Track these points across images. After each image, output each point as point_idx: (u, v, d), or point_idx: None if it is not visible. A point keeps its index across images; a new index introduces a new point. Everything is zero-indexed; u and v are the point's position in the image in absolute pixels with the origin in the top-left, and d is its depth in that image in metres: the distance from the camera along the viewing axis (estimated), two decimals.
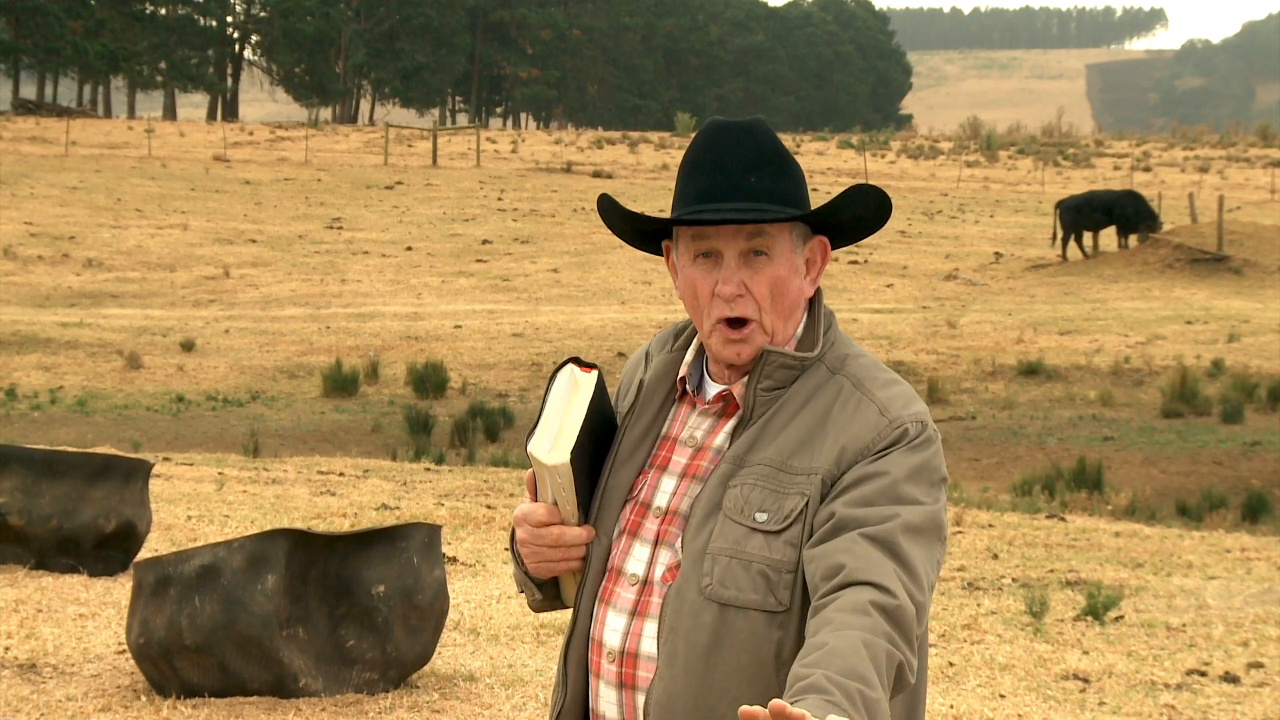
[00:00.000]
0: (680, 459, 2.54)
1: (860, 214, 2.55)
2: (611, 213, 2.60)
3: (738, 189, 2.47)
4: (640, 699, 2.46)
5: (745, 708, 2.00)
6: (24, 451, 8.74)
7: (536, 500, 2.54)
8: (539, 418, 2.55)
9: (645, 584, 2.49)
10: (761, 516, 2.42)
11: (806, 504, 2.41)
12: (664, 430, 2.58)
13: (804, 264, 2.54)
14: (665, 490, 2.52)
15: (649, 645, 2.45)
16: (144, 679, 6.43)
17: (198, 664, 6.21)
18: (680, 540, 2.47)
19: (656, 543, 2.50)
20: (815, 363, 2.51)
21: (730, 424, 2.53)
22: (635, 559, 2.51)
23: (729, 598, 2.40)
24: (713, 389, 2.57)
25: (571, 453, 2.50)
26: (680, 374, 2.59)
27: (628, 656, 2.47)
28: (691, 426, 2.56)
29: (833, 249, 2.60)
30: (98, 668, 6.72)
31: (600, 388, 2.56)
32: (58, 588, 8.17)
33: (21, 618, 7.49)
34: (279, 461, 15.34)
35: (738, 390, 2.53)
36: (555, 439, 2.52)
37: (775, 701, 1.98)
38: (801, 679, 2.17)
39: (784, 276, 2.50)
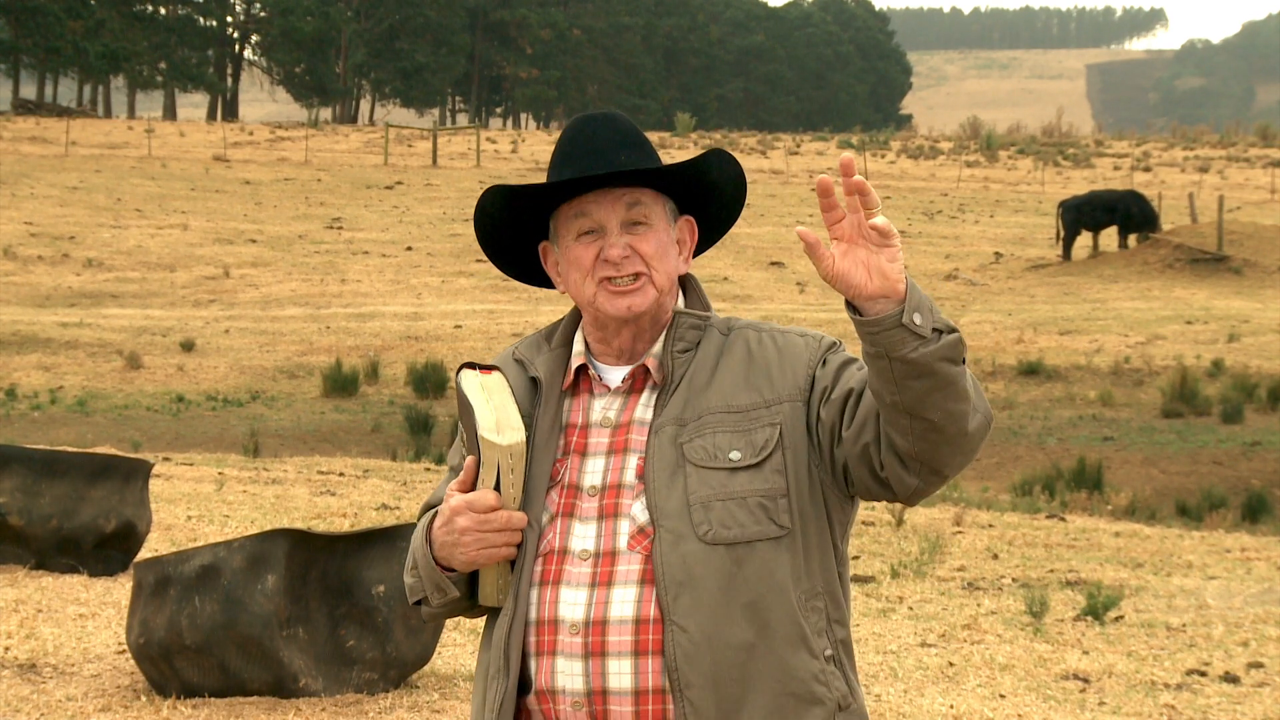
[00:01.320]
0: (600, 440, 2.64)
1: (721, 183, 2.72)
2: (495, 202, 2.70)
3: (608, 164, 2.62)
4: (611, 664, 2.53)
5: (801, 228, 2.35)
6: (24, 451, 8.74)
7: (474, 489, 2.60)
8: (470, 413, 2.62)
9: (602, 555, 2.56)
10: (735, 455, 2.56)
11: (780, 431, 2.56)
12: (565, 421, 2.68)
13: (677, 243, 2.69)
14: (594, 470, 2.62)
15: (619, 610, 2.53)
16: (144, 679, 6.43)
17: (198, 664, 6.21)
18: (635, 508, 2.56)
19: (604, 517, 2.58)
20: (708, 328, 2.66)
21: (644, 397, 2.65)
22: (579, 536, 2.58)
23: (734, 536, 2.53)
24: (616, 372, 2.68)
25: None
26: (577, 363, 2.70)
27: (595, 625, 2.53)
28: (602, 409, 2.66)
29: (708, 242, 2.77)
30: (98, 668, 6.72)
31: (509, 385, 2.67)
32: (58, 588, 8.17)
33: (21, 618, 7.49)
34: (279, 461, 15.35)
35: (651, 363, 2.65)
36: (498, 424, 2.59)
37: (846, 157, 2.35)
38: None
39: (665, 243, 2.65)
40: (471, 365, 2.71)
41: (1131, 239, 35.67)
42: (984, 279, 33.61)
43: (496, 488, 2.58)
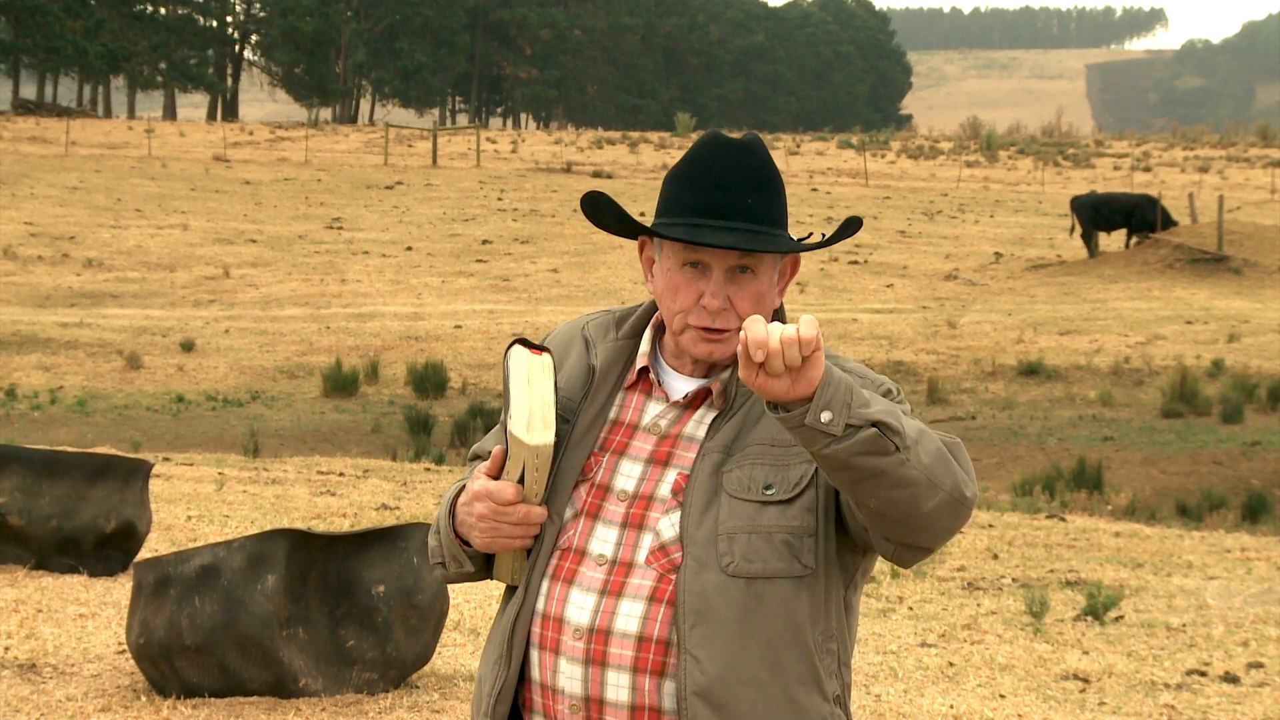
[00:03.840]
0: (644, 445, 2.61)
1: (841, 239, 2.68)
2: (606, 211, 2.65)
3: (735, 209, 2.55)
4: (610, 675, 2.52)
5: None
6: (24, 451, 8.73)
7: (499, 478, 2.58)
8: (507, 399, 2.60)
9: (617, 565, 2.55)
10: (770, 490, 2.52)
11: (816, 469, 2.52)
12: (613, 415, 2.65)
13: (778, 274, 2.64)
14: (629, 474, 2.59)
15: (623, 624, 2.52)
16: (144, 679, 6.43)
17: (198, 664, 6.21)
18: (663, 524, 2.54)
19: (628, 525, 2.56)
20: None
21: (699, 414, 2.61)
22: (600, 540, 2.57)
23: (756, 570, 2.49)
24: (679, 381, 2.64)
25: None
26: (641, 364, 2.66)
27: (598, 634, 2.53)
28: (655, 415, 2.62)
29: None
30: (98, 668, 6.71)
31: (555, 371, 2.63)
32: (58, 588, 8.17)
33: (21, 618, 7.49)
34: (279, 461, 15.35)
35: (716, 387, 2.60)
36: (530, 419, 2.56)
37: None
38: None
39: (764, 292, 2.60)
40: (524, 342, 2.65)
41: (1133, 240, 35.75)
42: (984, 279, 33.61)
43: (521, 480, 2.57)
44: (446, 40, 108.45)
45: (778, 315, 2.66)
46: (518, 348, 2.64)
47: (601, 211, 2.65)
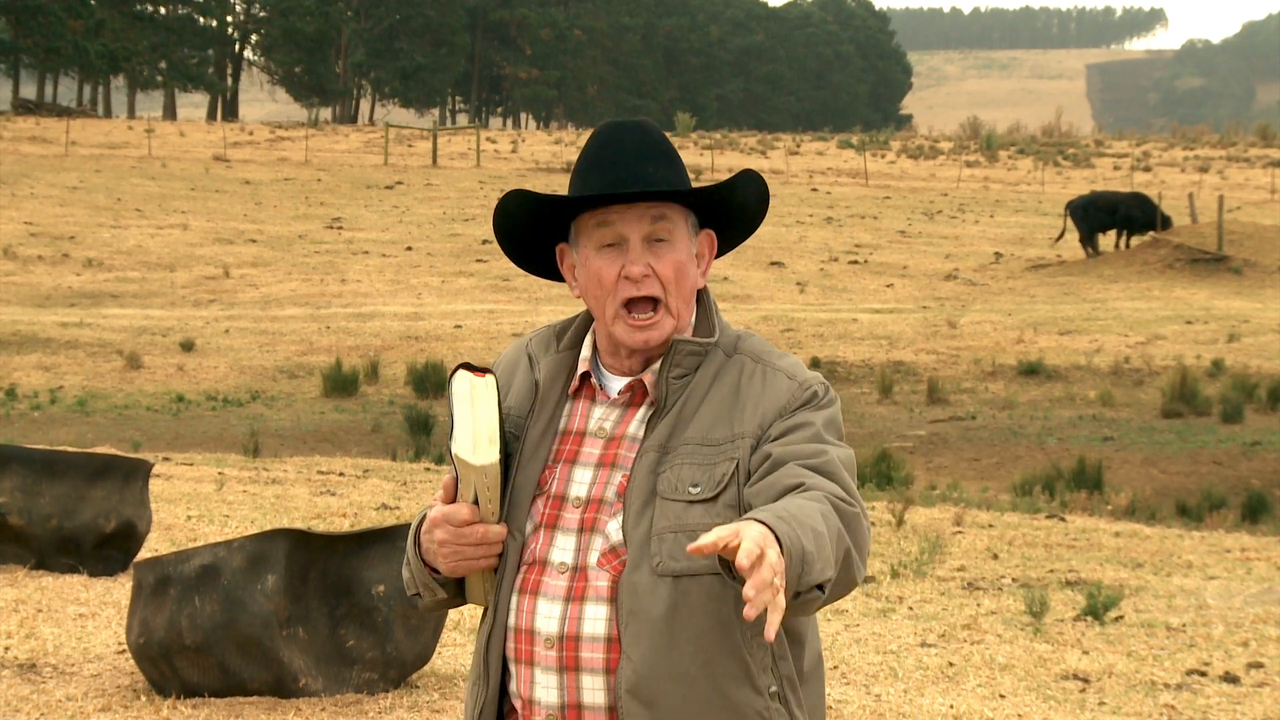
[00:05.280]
0: (593, 450, 2.65)
1: (747, 201, 2.72)
2: (518, 211, 2.71)
3: (637, 178, 2.61)
4: (585, 680, 2.56)
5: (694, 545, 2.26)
6: (24, 451, 8.73)
7: (454, 501, 2.61)
8: (452, 422, 2.63)
9: (578, 570, 2.59)
10: (695, 489, 2.56)
11: (736, 465, 2.57)
12: (562, 426, 2.69)
13: (696, 256, 2.69)
14: (581, 481, 2.63)
15: (590, 627, 2.56)
16: (144, 679, 6.43)
17: (198, 664, 6.21)
18: (611, 526, 2.58)
19: (583, 530, 2.60)
20: (711, 351, 2.67)
21: (641, 412, 2.66)
22: (560, 548, 2.61)
23: (680, 569, 2.53)
24: (617, 381, 2.69)
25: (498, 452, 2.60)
26: (582, 369, 2.71)
27: (568, 640, 2.56)
28: (599, 419, 2.67)
29: (719, 251, 2.77)
30: (98, 668, 6.71)
31: (499, 390, 2.67)
32: (58, 588, 8.17)
33: (21, 618, 7.49)
34: (279, 461, 15.35)
35: (648, 379, 2.66)
36: (475, 440, 2.59)
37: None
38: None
39: (684, 262, 2.65)
40: (469, 366, 2.69)
41: (1133, 240, 35.73)
42: (984, 279, 33.61)
43: (476, 501, 2.60)
44: (446, 40, 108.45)
45: (702, 295, 2.72)
46: (461, 372, 2.68)
47: (513, 218, 2.71)
